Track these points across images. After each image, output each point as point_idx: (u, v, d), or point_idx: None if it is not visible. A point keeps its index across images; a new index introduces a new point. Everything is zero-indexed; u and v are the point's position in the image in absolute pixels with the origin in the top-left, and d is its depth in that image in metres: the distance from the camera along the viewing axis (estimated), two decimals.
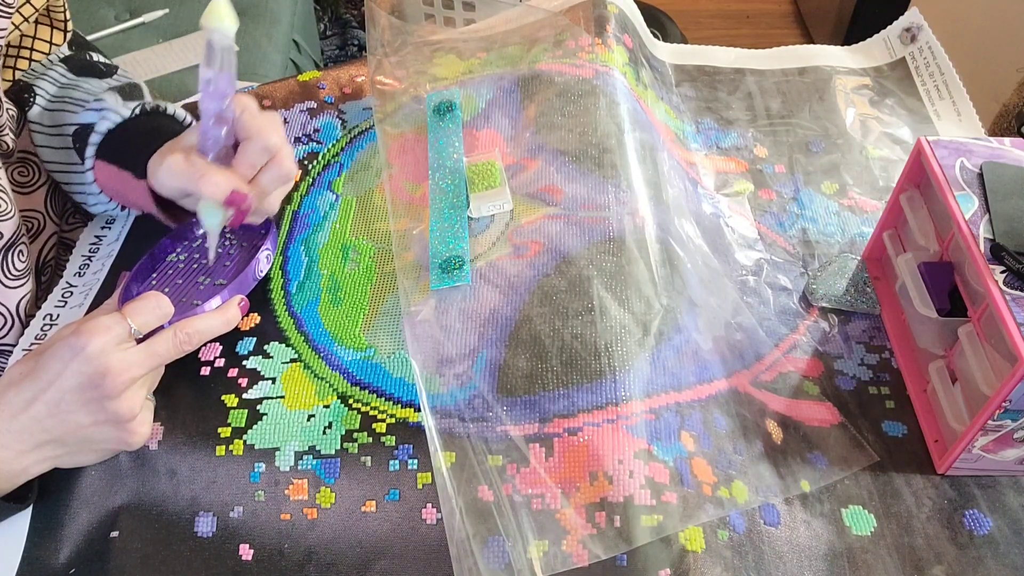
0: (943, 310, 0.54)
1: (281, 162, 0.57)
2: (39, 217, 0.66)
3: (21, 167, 0.65)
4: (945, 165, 0.54)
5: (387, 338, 0.58)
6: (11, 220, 0.59)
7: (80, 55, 0.70)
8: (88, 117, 0.64)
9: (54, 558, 0.50)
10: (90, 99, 0.65)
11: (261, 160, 0.56)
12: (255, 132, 0.55)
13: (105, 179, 0.64)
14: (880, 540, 0.50)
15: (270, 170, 0.57)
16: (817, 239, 0.67)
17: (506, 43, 0.77)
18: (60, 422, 0.49)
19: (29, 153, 0.66)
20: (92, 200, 0.67)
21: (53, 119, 0.65)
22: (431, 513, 0.50)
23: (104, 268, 0.65)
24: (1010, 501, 0.52)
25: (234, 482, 0.52)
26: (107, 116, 0.63)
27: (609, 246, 0.59)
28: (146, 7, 1.36)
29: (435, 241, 0.62)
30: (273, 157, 0.56)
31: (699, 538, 0.47)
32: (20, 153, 0.65)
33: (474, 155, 0.68)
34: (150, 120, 0.64)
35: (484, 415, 0.53)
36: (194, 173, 0.54)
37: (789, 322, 0.62)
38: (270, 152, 0.56)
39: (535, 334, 0.55)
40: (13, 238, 0.59)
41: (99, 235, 0.69)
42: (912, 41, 0.83)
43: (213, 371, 0.57)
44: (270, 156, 0.56)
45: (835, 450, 0.54)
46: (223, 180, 0.54)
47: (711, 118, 0.78)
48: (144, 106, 0.65)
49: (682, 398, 0.53)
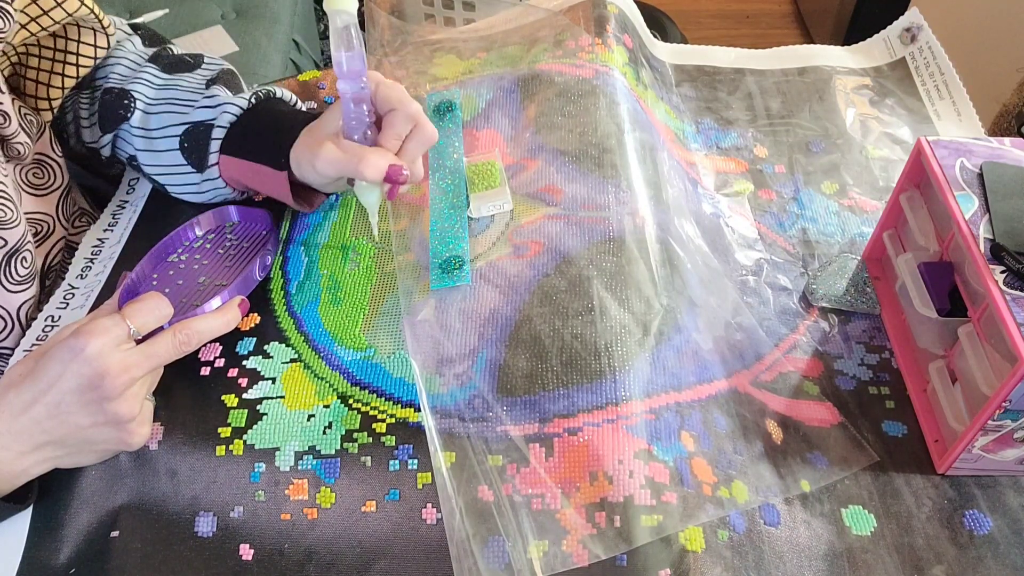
0: (943, 310, 0.54)
1: (424, 127, 0.58)
2: (49, 221, 0.66)
3: (37, 168, 0.65)
4: (945, 165, 0.54)
5: (387, 338, 0.58)
6: (16, 228, 0.59)
7: (163, 52, 0.70)
8: (203, 115, 0.63)
9: (54, 558, 0.50)
10: (198, 97, 0.64)
11: (407, 129, 0.57)
12: (396, 103, 0.56)
13: (232, 173, 0.64)
14: (880, 540, 0.50)
15: (415, 136, 0.58)
16: (817, 239, 0.67)
17: (506, 43, 0.77)
18: (60, 423, 0.49)
19: (47, 156, 0.66)
20: (201, 198, 0.66)
21: (158, 122, 0.65)
22: (431, 513, 0.50)
23: (106, 270, 0.65)
24: (1010, 501, 0.52)
25: (234, 482, 0.52)
26: (227, 110, 0.63)
27: (609, 246, 0.59)
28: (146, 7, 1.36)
29: (435, 241, 0.62)
30: (416, 124, 0.58)
31: (699, 538, 0.47)
32: (37, 155, 0.65)
33: (474, 155, 0.68)
34: (271, 108, 0.64)
35: (484, 415, 0.53)
36: (351, 159, 0.55)
37: (789, 322, 0.62)
38: (414, 120, 0.57)
39: (535, 334, 0.55)
40: (17, 244, 0.59)
41: (101, 237, 0.69)
42: (912, 41, 0.83)
43: (213, 371, 0.57)
44: (414, 124, 0.57)
45: (835, 450, 0.54)
46: (381, 160, 0.55)
47: (711, 118, 0.78)
48: (257, 94, 0.65)
49: (682, 398, 0.53)
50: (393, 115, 0.57)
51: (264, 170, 0.61)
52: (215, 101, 0.63)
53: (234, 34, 1.35)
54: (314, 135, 0.59)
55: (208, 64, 0.69)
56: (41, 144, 0.65)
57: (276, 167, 0.60)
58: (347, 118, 0.56)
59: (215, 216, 0.65)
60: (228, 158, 0.63)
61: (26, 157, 0.63)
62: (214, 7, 1.40)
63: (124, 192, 0.72)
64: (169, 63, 0.68)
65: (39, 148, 0.65)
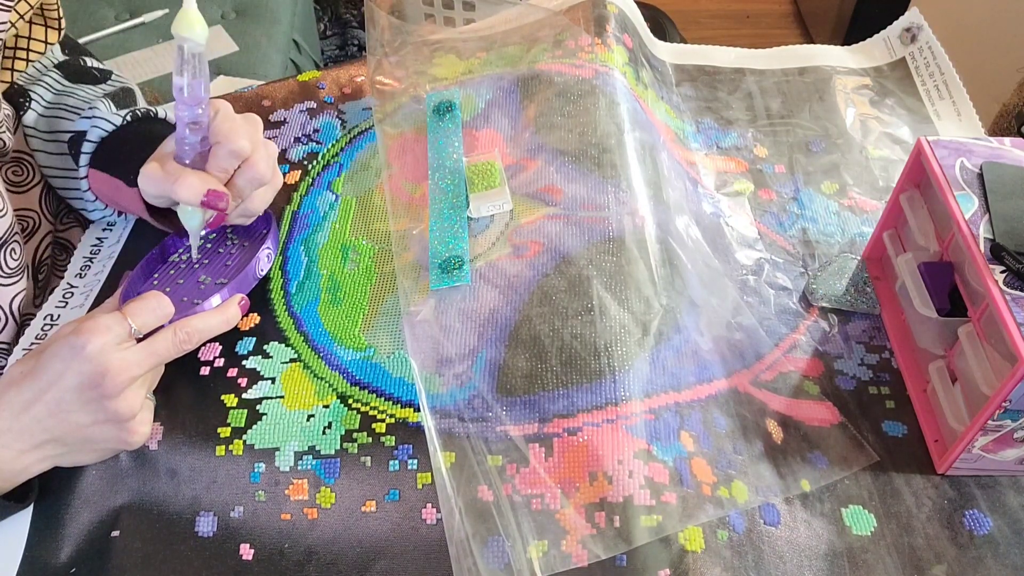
0: (943, 310, 0.54)
1: (254, 165, 0.56)
2: (34, 216, 0.66)
3: (15, 166, 0.65)
4: (945, 165, 0.54)
5: (387, 338, 0.58)
6: (4, 219, 0.59)
7: (74, 60, 0.70)
8: (82, 125, 0.64)
9: (55, 557, 0.50)
10: (85, 107, 0.65)
11: (232, 164, 0.56)
12: (223, 136, 0.55)
13: (99, 187, 0.65)
14: (880, 540, 0.50)
15: (243, 173, 0.57)
16: (817, 239, 0.67)
17: (506, 43, 0.77)
18: (60, 421, 0.49)
19: (24, 153, 0.66)
20: (90, 207, 0.67)
21: (49, 125, 0.66)
22: (431, 513, 0.50)
23: (105, 269, 0.65)
24: (1010, 501, 0.52)
25: (234, 482, 0.52)
26: (98, 124, 0.63)
27: (609, 246, 0.59)
28: (146, 7, 1.36)
29: (435, 241, 0.62)
30: (246, 160, 0.56)
31: (699, 538, 0.47)
32: (15, 153, 0.65)
33: (474, 155, 0.68)
34: (141, 126, 0.65)
35: (484, 415, 0.53)
36: (168, 178, 0.54)
37: (789, 322, 0.62)
38: (239, 156, 0.56)
39: (535, 334, 0.55)
40: (6, 236, 0.59)
41: (100, 236, 0.69)
42: (912, 41, 0.83)
43: (213, 371, 0.57)
44: (240, 159, 0.56)
45: (835, 450, 0.54)
46: (197, 182, 0.54)
47: (711, 118, 0.78)
48: (136, 112, 0.65)
49: (682, 398, 0.53)
50: (218, 148, 0.55)
51: (121, 185, 0.62)
52: (92, 114, 0.64)
53: (234, 34, 1.35)
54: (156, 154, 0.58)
55: (113, 80, 0.69)
56: (17, 140, 0.66)
57: (128, 183, 0.61)
58: (180, 142, 0.55)
59: None
60: (96, 172, 0.64)
61: (7, 152, 0.63)
62: (214, 7, 1.40)
63: None
64: (73, 72, 0.69)
65: (16, 144, 0.66)
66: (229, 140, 0.55)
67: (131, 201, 0.62)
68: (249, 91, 0.80)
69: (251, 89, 0.80)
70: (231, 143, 0.55)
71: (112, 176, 0.63)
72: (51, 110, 0.66)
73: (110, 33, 1.31)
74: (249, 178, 0.57)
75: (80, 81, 0.68)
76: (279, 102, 0.78)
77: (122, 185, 0.62)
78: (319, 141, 0.74)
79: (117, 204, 0.66)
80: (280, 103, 0.78)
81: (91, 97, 0.66)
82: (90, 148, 0.63)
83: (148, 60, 1.27)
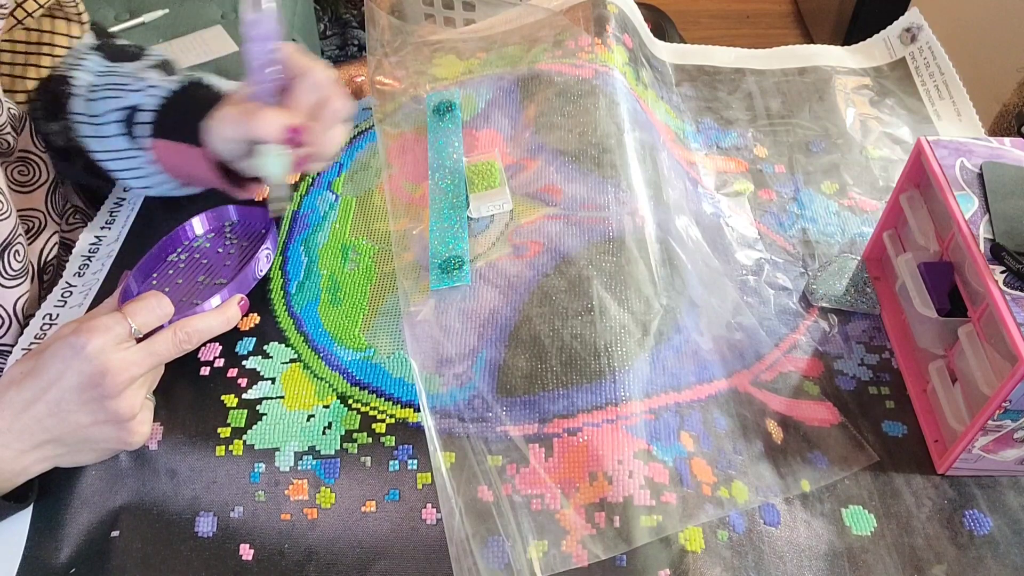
0: (943, 310, 0.54)
1: (333, 97, 0.55)
2: (40, 216, 0.66)
3: (21, 166, 0.65)
4: (945, 165, 0.54)
5: (387, 338, 0.58)
6: (7, 220, 0.59)
7: (106, 43, 0.69)
8: (134, 99, 0.62)
9: (54, 558, 0.50)
10: (132, 80, 0.63)
11: (313, 97, 0.55)
12: (302, 69, 0.54)
13: (165, 157, 0.62)
14: (880, 540, 0.50)
15: (324, 107, 0.55)
16: (817, 239, 0.67)
17: (506, 43, 0.77)
18: (60, 421, 0.49)
19: (30, 152, 0.66)
20: (149, 182, 0.65)
21: (97, 108, 0.64)
22: (431, 513, 0.50)
23: (104, 268, 0.65)
24: (1010, 501, 0.52)
25: (234, 482, 0.52)
26: (153, 92, 0.62)
27: (609, 246, 0.59)
28: (146, 7, 1.35)
29: (435, 241, 0.62)
30: (325, 93, 0.55)
31: (699, 538, 0.47)
32: (21, 152, 0.65)
33: (474, 155, 0.68)
34: (199, 90, 0.63)
35: (484, 415, 0.53)
36: (245, 115, 0.53)
37: (789, 322, 0.62)
38: (321, 88, 0.55)
39: (535, 334, 0.55)
40: (9, 238, 0.59)
41: (99, 235, 0.69)
42: (912, 41, 0.83)
43: (213, 371, 0.57)
44: (320, 92, 0.55)
45: (835, 450, 0.54)
46: (276, 116, 0.53)
47: (711, 118, 0.78)
48: (190, 77, 0.64)
49: (682, 398, 0.53)
50: (299, 81, 0.54)
51: (188, 149, 0.60)
52: (144, 84, 0.62)
53: (234, 34, 1.35)
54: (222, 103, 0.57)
55: (149, 55, 0.68)
56: (23, 139, 0.65)
57: (194, 143, 0.59)
58: (254, 81, 0.53)
59: (214, 215, 0.65)
60: (160, 142, 0.62)
61: (13, 151, 0.62)
62: (214, 7, 1.40)
63: (121, 190, 0.72)
64: (112, 52, 0.68)
65: (22, 144, 0.65)
66: (312, 72, 0.54)
67: (198, 165, 0.59)
68: None
69: None
70: (312, 75, 0.54)
71: (178, 141, 0.60)
72: (96, 91, 0.65)
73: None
74: (330, 112, 0.55)
75: (120, 59, 0.67)
76: None
77: (189, 148, 0.59)
78: None
79: (185, 173, 0.64)
80: None
81: (135, 71, 0.65)
82: (148, 117, 0.61)
83: None
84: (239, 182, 0.63)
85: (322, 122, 0.55)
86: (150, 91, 0.62)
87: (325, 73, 0.55)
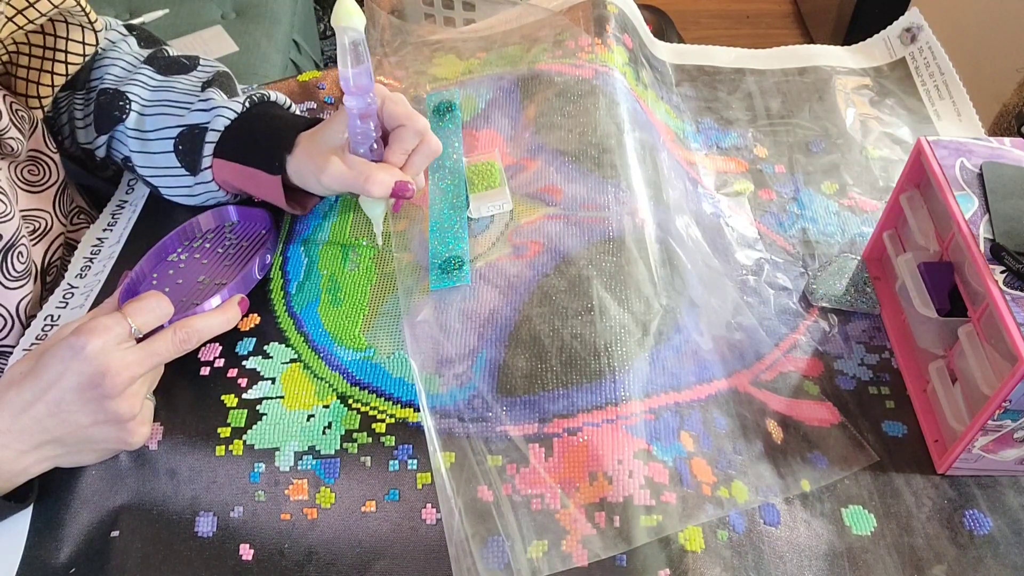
0: (943, 310, 0.54)
1: (429, 141, 0.60)
2: (47, 217, 0.66)
3: (31, 166, 0.65)
4: (945, 165, 0.54)
5: (387, 338, 0.58)
6: (11, 221, 0.59)
7: (159, 53, 0.70)
8: (197, 118, 0.64)
9: (54, 557, 0.50)
10: (194, 100, 0.64)
11: (413, 143, 0.59)
12: (404, 119, 0.58)
13: (225, 177, 0.64)
14: (880, 540, 0.50)
15: (421, 150, 0.60)
16: (817, 239, 0.67)
17: (506, 43, 0.77)
18: (61, 422, 0.49)
19: (42, 152, 0.66)
20: (194, 197, 0.66)
21: (153, 124, 0.65)
22: (431, 513, 0.50)
23: (105, 269, 0.65)
24: (1010, 501, 0.52)
25: (234, 482, 0.52)
26: (221, 113, 0.63)
27: (609, 246, 0.59)
28: (146, 7, 1.36)
29: (435, 241, 0.62)
30: (422, 139, 0.60)
31: (698, 538, 0.47)
32: (32, 152, 0.65)
33: (474, 155, 0.68)
34: (263, 111, 0.65)
35: (484, 415, 0.53)
36: (358, 176, 0.57)
37: (789, 322, 0.62)
38: (421, 135, 0.59)
39: (535, 334, 0.55)
40: (12, 239, 0.59)
41: (101, 237, 0.69)
42: (912, 41, 0.83)
43: (213, 371, 0.57)
44: (421, 138, 0.59)
45: (835, 450, 0.54)
46: (387, 176, 0.57)
47: (711, 118, 0.78)
48: (252, 98, 0.65)
49: (682, 398, 0.53)
50: (402, 131, 0.59)
51: (258, 174, 0.61)
52: (210, 104, 0.63)
53: (234, 34, 1.35)
54: (317, 145, 0.59)
55: (204, 66, 0.69)
56: (34, 141, 0.65)
57: (270, 171, 0.61)
58: (353, 133, 0.57)
59: (214, 216, 0.65)
60: (222, 161, 0.63)
61: (20, 154, 0.63)
62: (214, 7, 1.40)
63: (123, 192, 0.72)
64: (165, 64, 0.68)
65: (33, 145, 0.65)
66: (412, 121, 0.59)
67: (268, 188, 0.62)
68: None
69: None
70: (415, 123, 0.59)
71: (246, 165, 0.62)
72: (152, 107, 0.66)
73: None
74: (426, 153, 0.60)
75: (172, 72, 0.68)
76: None
77: (260, 174, 0.61)
78: None
79: (245, 191, 0.66)
80: None
81: (192, 87, 0.66)
82: (215, 137, 0.63)
83: None
84: (300, 201, 0.65)
85: (419, 165, 0.60)
86: (216, 111, 0.63)
87: (423, 121, 0.59)
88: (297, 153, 0.60)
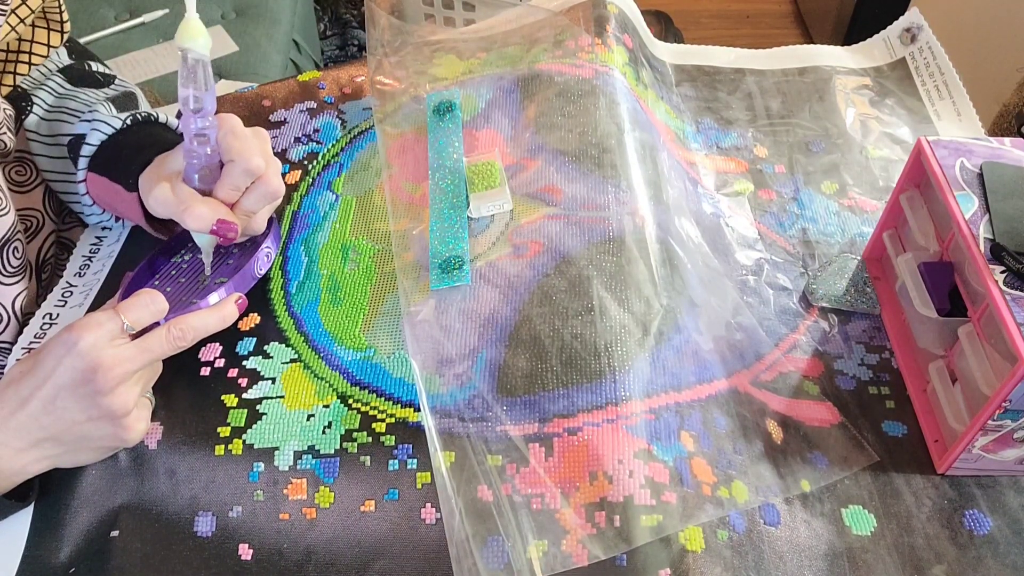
0: (943, 310, 0.54)
1: (267, 182, 0.56)
2: (37, 216, 0.66)
3: (18, 166, 0.65)
4: (945, 165, 0.54)
5: (387, 338, 0.58)
6: (6, 217, 0.59)
7: (79, 65, 0.70)
8: (81, 128, 0.64)
9: (54, 557, 0.50)
10: (85, 110, 0.65)
11: (245, 182, 0.55)
12: (236, 154, 0.54)
13: (96, 191, 0.64)
14: (880, 540, 0.50)
15: (255, 191, 0.56)
16: (817, 239, 0.67)
17: (506, 43, 0.77)
18: (56, 419, 0.49)
19: (27, 153, 0.66)
20: (87, 211, 0.67)
21: (50, 129, 0.65)
22: (430, 513, 0.50)
23: (105, 268, 0.65)
24: (1010, 501, 0.52)
25: (233, 482, 0.52)
26: (98, 127, 0.63)
27: (609, 246, 0.59)
28: (146, 7, 1.36)
29: (435, 241, 0.62)
30: (259, 177, 0.56)
31: (699, 538, 0.47)
32: (18, 152, 0.65)
33: (474, 155, 0.68)
34: (142, 130, 0.64)
35: (484, 415, 0.53)
36: (179, 205, 0.54)
37: (789, 322, 0.62)
38: (254, 174, 0.55)
39: (535, 334, 0.55)
40: (8, 235, 0.59)
41: (100, 236, 0.69)
42: (912, 41, 0.83)
43: (213, 371, 0.57)
44: (254, 177, 0.56)
45: (835, 450, 0.54)
46: (208, 212, 0.54)
47: (711, 118, 0.78)
48: (136, 116, 0.65)
49: (682, 398, 0.53)
50: (232, 166, 0.55)
51: (120, 190, 0.61)
52: (92, 117, 0.64)
53: (234, 34, 1.35)
54: (160, 168, 0.57)
55: (116, 85, 0.69)
56: (20, 139, 0.66)
57: (127, 188, 0.60)
58: (187, 155, 0.54)
59: None
60: (93, 175, 0.63)
61: (10, 152, 0.63)
62: (214, 7, 1.40)
63: None
64: (77, 76, 0.69)
65: (19, 144, 0.65)
66: (243, 158, 0.54)
67: (129, 207, 0.61)
68: (249, 91, 0.80)
69: (251, 89, 0.80)
70: (246, 161, 0.54)
71: (111, 180, 0.62)
72: (52, 113, 0.66)
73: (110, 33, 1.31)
74: (262, 194, 0.56)
75: (83, 85, 0.68)
76: (279, 102, 0.78)
77: (121, 190, 0.61)
78: (319, 141, 0.74)
79: (115, 209, 0.66)
80: (280, 103, 0.78)
81: (92, 100, 0.66)
82: (89, 151, 0.63)
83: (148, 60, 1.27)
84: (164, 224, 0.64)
85: (251, 206, 0.56)
86: (96, 124, 0.63)
87: (260, 158, 0.55)
88: (147, 172, 0.58)
